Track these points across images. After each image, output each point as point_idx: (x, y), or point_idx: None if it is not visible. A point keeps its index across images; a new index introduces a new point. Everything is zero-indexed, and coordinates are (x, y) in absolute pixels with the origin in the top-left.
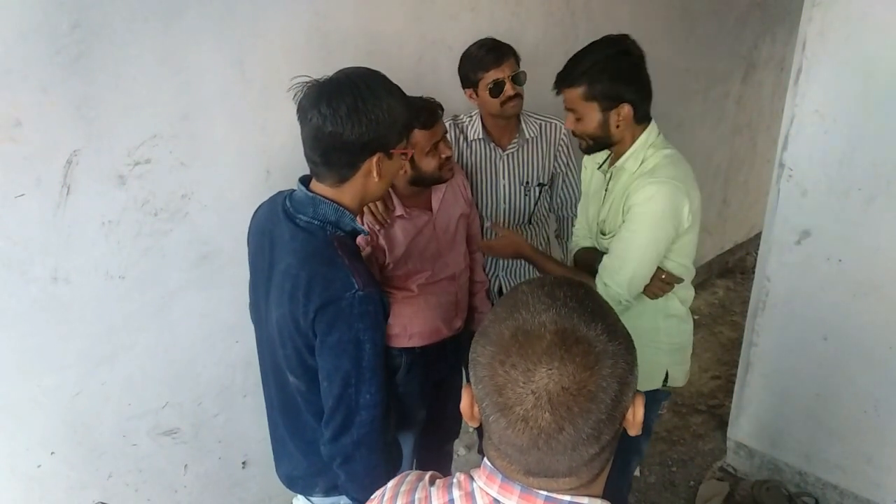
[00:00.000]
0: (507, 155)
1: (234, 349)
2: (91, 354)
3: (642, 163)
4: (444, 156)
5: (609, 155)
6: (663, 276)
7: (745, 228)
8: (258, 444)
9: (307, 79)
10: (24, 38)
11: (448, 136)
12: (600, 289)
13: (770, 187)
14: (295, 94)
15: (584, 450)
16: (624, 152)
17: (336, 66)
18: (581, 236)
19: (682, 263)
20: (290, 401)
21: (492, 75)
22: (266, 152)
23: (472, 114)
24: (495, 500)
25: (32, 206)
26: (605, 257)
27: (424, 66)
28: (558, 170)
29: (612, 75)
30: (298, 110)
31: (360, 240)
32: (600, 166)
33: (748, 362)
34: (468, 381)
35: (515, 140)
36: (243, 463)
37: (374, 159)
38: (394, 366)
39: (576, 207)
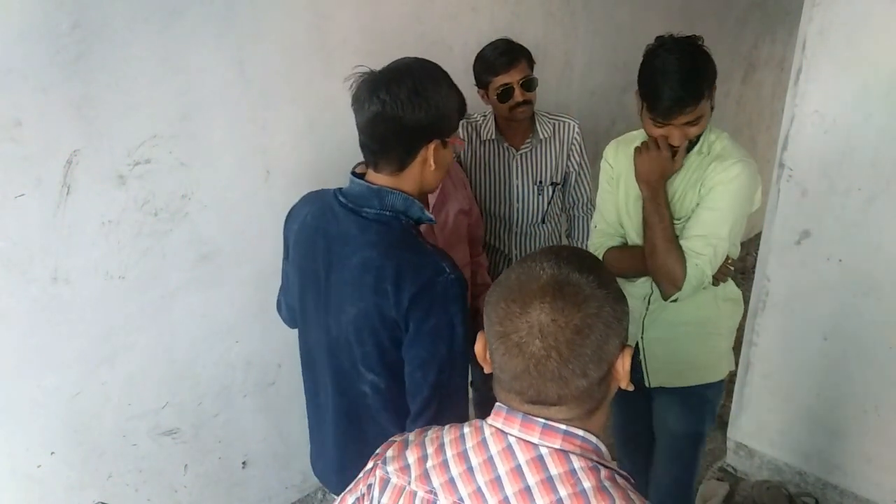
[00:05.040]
0: (521, 155)
1: (234, 349)
2: (91, 354)
3: (710, 145)
4: None
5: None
6: (729, 261)
7: (746, 228)
8: (258, 444)
9: (364, 69)
10: (24, 38)
11: (460, 134)
12: (691, 271)
13: (770, 187)
14: (351, 85)
15: (572, 381)
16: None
17: (336, 66)
18: (607, 235)
19: (736, 245)
20: (363, 404)
21: (501, 80)
22: (266, 152)
23: (486, 113)
24: (499, 430)
25: (32, 206)
26: (686, 239)
27: None
28: (571, 169)
29: (713, 70)
30: (354, 101)
31: None
32: None
33: (748, 362)
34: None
35: (529, 140)
36: (243, 463)
37: (432, 146)
38: None
39: (587, 207)
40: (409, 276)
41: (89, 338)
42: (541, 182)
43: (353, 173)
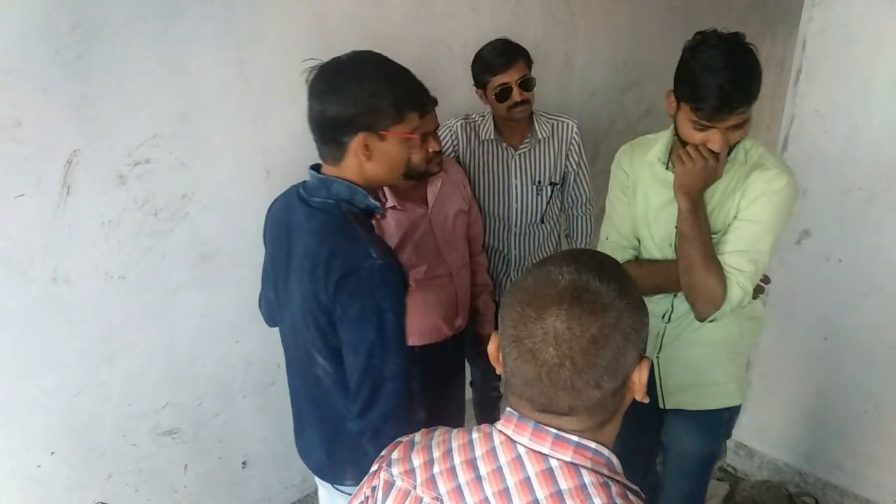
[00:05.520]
0: (520, 155)
1: (234, 349)
2: (91, 354)
3: (746, 153)
4: (431, 150)
5: (670, 152)
6: (762, 277)
7: None
8: (258, 444)
9: (315, 62)
10: (24, 38)
11: (459, 135)
12: (734, 290)
13: None
14: (306, 77)
15: (585, 392)
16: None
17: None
18: (620, 248)
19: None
20: (318, 386)
21: (499, 79)
22: (266, 152)
23: (485, 113)
24: (510, 438)
25: (32, 206)
26: (726, 255)
27: (424, 66)
28: (569, 169)
29: (760, 66)
30: None
31: None
32: (668, 165)
33: (748, 362)
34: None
35: (528, 140)
36: (243, 463)
37: (359, 138)
38: None
39: (586, 206)
40: (337, 260)
41: (89, 338)
42: (539, 182)
43: (312, 166)
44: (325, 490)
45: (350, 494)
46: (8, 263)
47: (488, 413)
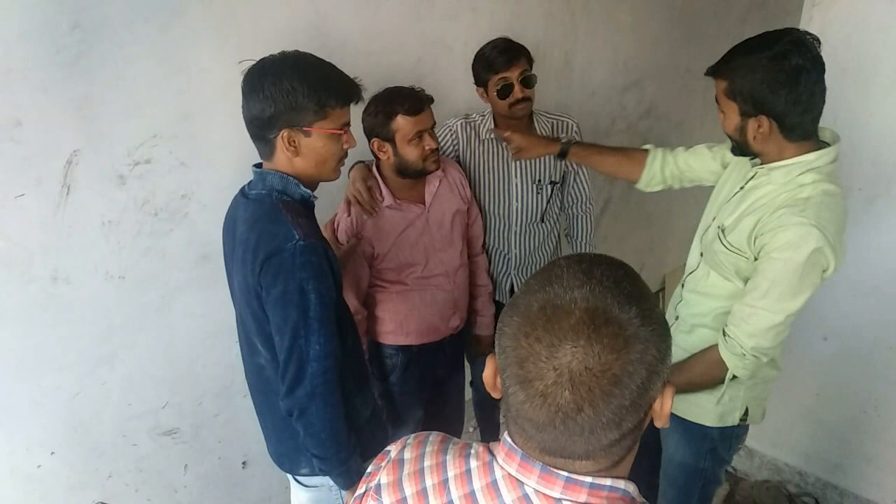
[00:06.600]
0: None
1: (234, 349)
2: (91, 354)
3: (799, 186)
4: (427, 147)
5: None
6: None
7: None
8: (258, 444)
9: (251, 62)
10: (24, 38)
11: (459, 134)
12: (732, 361)
13: None
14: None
15: (603, 434)
16: (773, 161)
17: (336, 66)
18: (667, 154)
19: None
20: (261, 375)
21: (501, 76)
22: None
23: (485, 112)
24: (513, 476)
25: (32, 206)
26: (735, 305)
27: (424, 66)
28: (570, 168)
29: (759, 81)
30: None
31: (342, 231)
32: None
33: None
34: (494, 351)
35: None
36: (243, 463)
37: (283, 134)
38: (390, 365)
39: (586, 205)
40: (263, 244)
41: (89, 338)
42: (539, 181)
43: (256, 164)
44: (292, 482)
45: (309, 486)
46: (8, 263)
47: (489, 413)
